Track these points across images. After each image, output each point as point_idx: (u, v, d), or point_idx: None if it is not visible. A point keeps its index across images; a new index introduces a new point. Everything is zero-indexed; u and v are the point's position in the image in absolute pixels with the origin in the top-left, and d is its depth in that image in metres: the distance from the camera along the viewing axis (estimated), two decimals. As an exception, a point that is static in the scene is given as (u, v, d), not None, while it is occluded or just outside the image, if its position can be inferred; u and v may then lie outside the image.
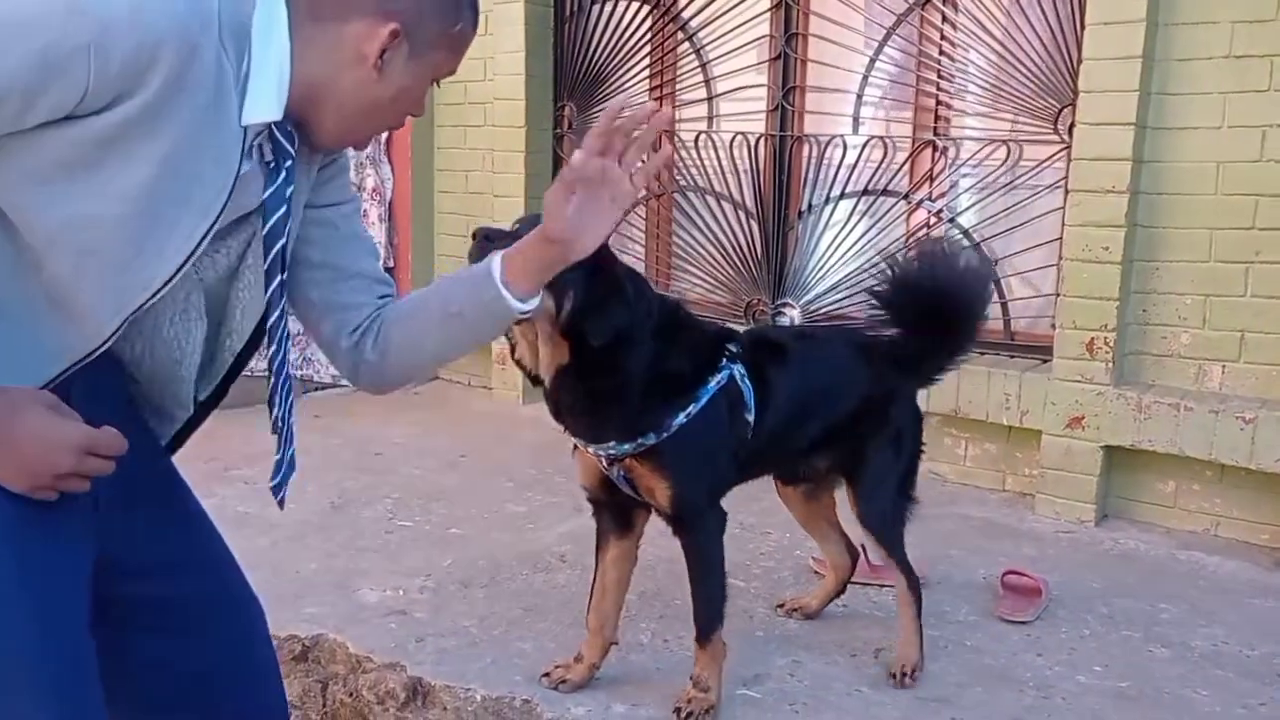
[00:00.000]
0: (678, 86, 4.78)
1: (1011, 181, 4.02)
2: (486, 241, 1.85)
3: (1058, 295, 3.71)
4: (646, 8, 4.78)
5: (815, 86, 4.43)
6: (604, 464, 2.26)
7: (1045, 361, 3.82)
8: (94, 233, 1.19)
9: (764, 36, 4.51)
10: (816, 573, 3.10)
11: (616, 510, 2.39)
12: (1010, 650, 2.68)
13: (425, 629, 2.69)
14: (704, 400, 2.25)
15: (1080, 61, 3.58)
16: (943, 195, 4.22)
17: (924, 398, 3.87)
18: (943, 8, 4.10)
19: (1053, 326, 3.77)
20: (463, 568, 3.07)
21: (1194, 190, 3.47)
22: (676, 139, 4.77)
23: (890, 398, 2.63)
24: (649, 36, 4.80)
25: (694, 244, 4.76)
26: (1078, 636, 2.77)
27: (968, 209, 4.18)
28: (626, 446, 2.19)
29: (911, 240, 4.27)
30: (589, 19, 4.92)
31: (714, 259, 4.70)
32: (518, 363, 2.21)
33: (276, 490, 1.53)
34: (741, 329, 2.54)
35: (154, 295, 1.26)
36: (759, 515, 3.55)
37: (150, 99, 1.16)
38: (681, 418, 2.21)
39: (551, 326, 2.04)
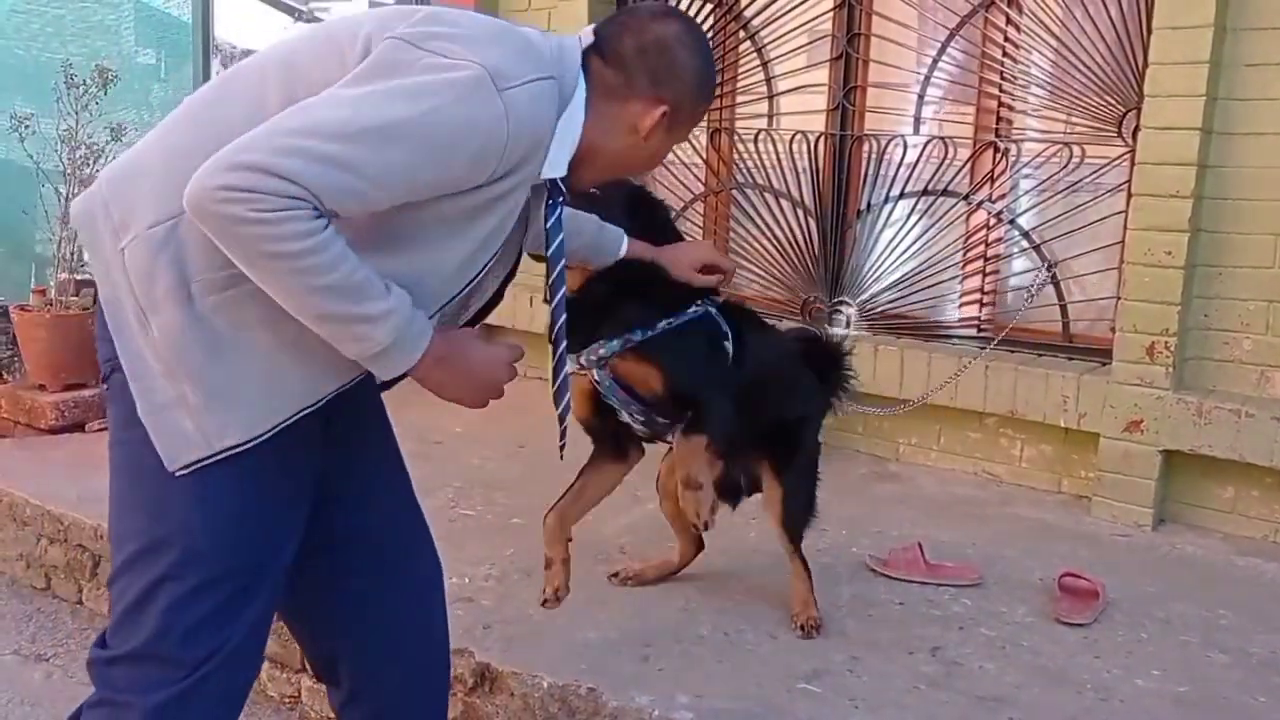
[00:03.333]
0: (738, 84, 4.80)
1: (1073, 184, 4.01)
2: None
3: (1118, 299, 3.71)
4: (709, 6, 4.82)
5: (876, 85, 4.45)
6: (594, 376, 2.43)
7: (1104, 364, 3.82)
8: (447, 261, 1.59)
9: (826, 35, 4.53)
10: (872, 570, 3.14)
11: (612, 440, 2.62)
12: (1068, 652, 2.70)
13: (491, 616, 2.76)
14: (685, 317, 2.46)
15: (1146, 65, 3.58)
16: (1003, 196, 4.22)
17: (981, 397, 3.92)
18: (1007, 9, 4.10)
19: (1112, 329, 3.77)
20: (525, 557, 3.13)
21: (1259, 196, 3.46)
22: (736, 136, 4.81)
23: (817, 415, 2.90)
24: (710, 34, 4.83)
25: (752, 241, 4.79)
26: (1135, 640, 2.79)
27: (1028, 210, 4.18)
28: (615, 343, 2.40)
29: (970, 241, 4.28)
30: (651, 16, 4.95)
31: (771, 256, 4.73)
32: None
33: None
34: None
35: (459, 293, 1.65)
36: (815, 512, 3.59)
37: (522, 177, 1.57)
38: (664, 323, 2.41)
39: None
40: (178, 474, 1.56)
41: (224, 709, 1.69)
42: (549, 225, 1.76)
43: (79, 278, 4.64)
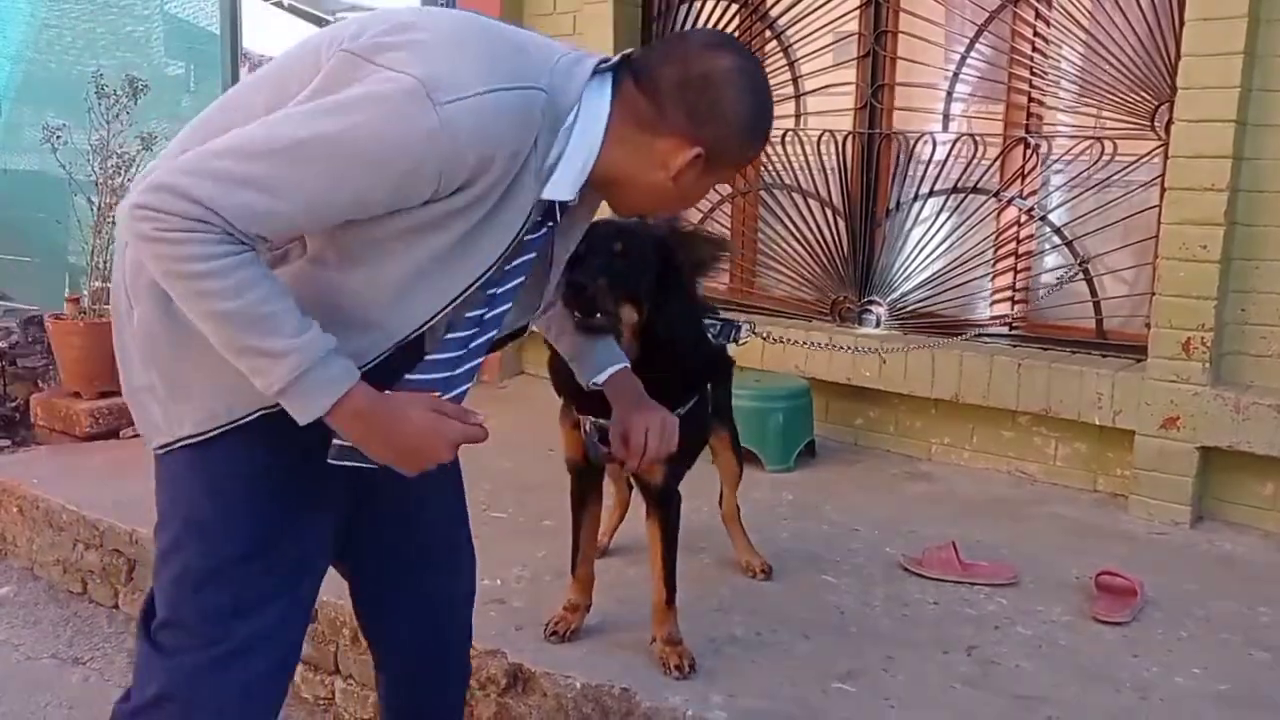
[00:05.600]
0: (765, 84, 4.78)
1: (1105, 179, 3.97)
2: (581, 291, 2.16)
3: (1153, 294, 3.67)
4: (734, 6, 4.81)
5: (904, 83, 4.42)
6: (586, 428, 2.42)
7: (1139, 361, 3.78)
8: (411, 277, 1.51)
9: (853, 34, 4.51)
10: (906, 570, 3.11)
11: (594, 479, 2.71)
12: (1106, 651, 2.67)
13: (524, 618, 2.75)
14: (695, 400, 2.54)
15: (1179, 58, 3.54)
16: (1034, 193, 4.19)
17: (1014, 396, 3.88)
18: (1036, 4, 4.07)
19: (1146, 325, 3.73)
20: (557, 559, 3.12)
21: (1296, 188, 3.42)
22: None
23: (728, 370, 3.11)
24: (736, 34, 4.82)
25: (780, 241, 4.77)
26: (1175, 638, 2.75)
27: (1059, 206, 4.14)
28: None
29: (1001, 238, 4.25)
30: (677, 18, 4.95)
31: (800, 256, 4.71)
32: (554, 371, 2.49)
33: None
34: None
35: (434, 318, 1.56)
36: (846, 513, 3.58)
37: (476, 194, 1.46)
38: (683, 409, 2.42)
39: (631, 332, 2.32)
40: (156, 454, 1.64)
41: (255, 692, 1.67)
42: (527, 238, 1.61)
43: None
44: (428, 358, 1.63)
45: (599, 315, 2.17)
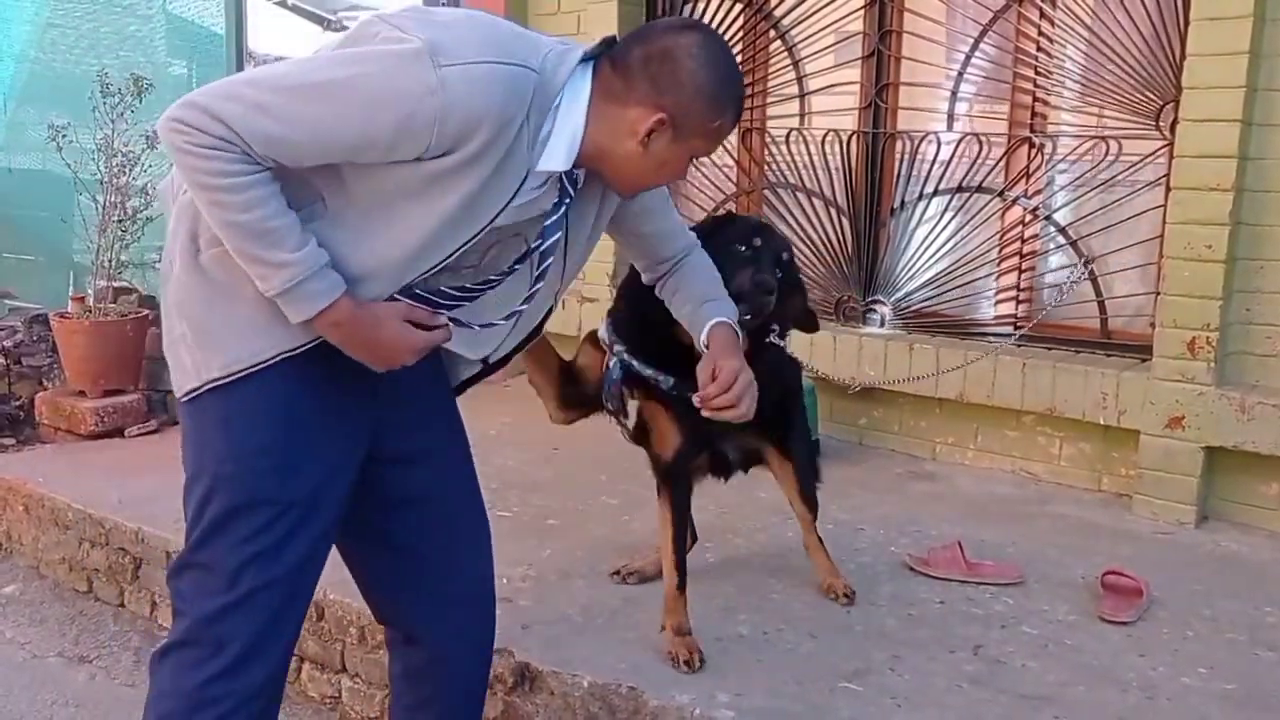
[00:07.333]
0: (769, 83, 4.79)
1: (1110, 178, 3.97)
2: (766, 293, 2.39)
3: (1158, 294, 3.67)
4: (738, 5, 4.80)
5: (909, 83, 4.42)
6: (609, 363, 2.52)
7: (1144, 360, 3.78)
8: (411, 233, 1.68)
9: (857, 33, 4.51)
10: (911, 569, 3.11)
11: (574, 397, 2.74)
12: (1112, 650, 2.67)
13: (530, 616, 2.75)
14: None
15: (1184, 57, 3.54)
16: (1038, 192, 4.18)
17: (1019, 395, 3.88)
18: (1040, 3, 4.07)
19: (1151, 325, 3.73)
20: (562, 558, 3.14)
21: (1301, 188, 3.42)
22: (768, 136, 4.80)
23: (799, 385, 3.10)
24: (741, 34, 4.82)
25: (784, 241, 4.76)
26: (1181, 638, 2.75)
27: (1064, 206, 4.14)
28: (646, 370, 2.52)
29: (1005, 237, 4.25)
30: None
31: (804, 256, 4.70)
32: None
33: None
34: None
35: (430, 271, 1.74)
36: (851, 513, 3.59)
37: (468, 155, 1.61)
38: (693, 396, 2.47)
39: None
40: (182, 400, 1.79)
41: (273, 631, 1.80)
42: (548, 222, 1.82)
43: (117, 285, 4.70)
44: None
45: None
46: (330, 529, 1.85)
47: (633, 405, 2.63)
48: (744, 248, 2.47)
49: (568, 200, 1.83)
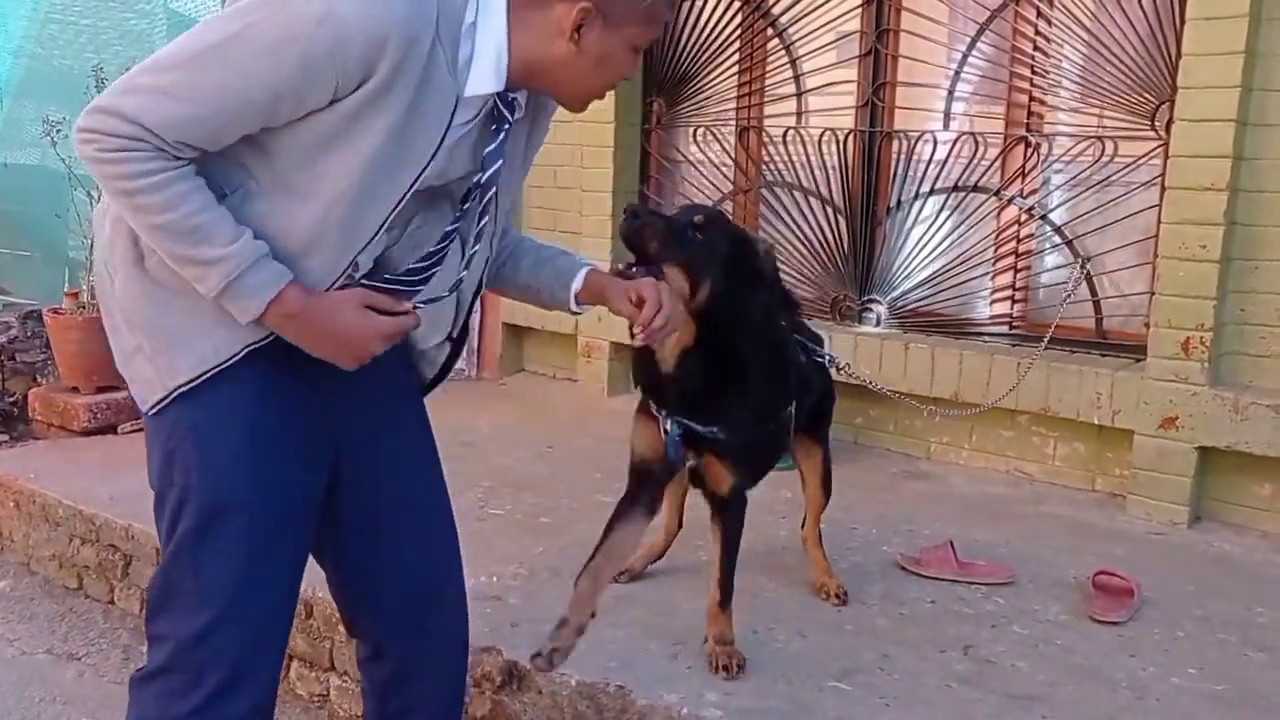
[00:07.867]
0: (766, 82, 4.78)
1: (1105, 178, 3.97)
2: (634, 218, 2.19)
3: (1152, 294, 3.66)
4: (736, 3, 4.80)
5: (906, 82, 4.42)
6: (666, 427, 2.35)
7: (1138, 360, 3.77)
8: (345, 180, 1.57)
9: (854, 32, 4.50)
10: (903, 568, 3.11)
11: (653, 488, 2.50)
12: (1103, 650, 2.66)
13: (519, 615, 2.75)
14: (777, 422, 2.47)
15: (1179, 57, 3.53)
16: (1034, 192, 4.18)
17: (1013, 395, 3.87)
18: (1037, 3, 4.06)
19: (1146, 325, 3.72)
20: (554, 556, 3.13)
21: (1296, 188, 3.40)
22: (765, 134, 4.79)
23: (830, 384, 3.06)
24: (738, 32, 4.82)
25: (781, 239, 4.75)
26: (1172, 638, 2.74)
27: (1059, 206, 4.13)
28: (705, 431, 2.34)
29: (1001, 237, 4.24)
30: (678, 15, 4.94)
31: (800, 255, 4.70)
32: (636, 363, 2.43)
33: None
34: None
35: (374, 236, 1.65)
36: (844, 512, 3.57)
37: (381, 81, 1.51)
38: (752, 428, 2.40)
39: (685, 308, 2.20)
40: (149, 414, 1.70)
41: (259, 646, 1.74)
42: (487, 150, 1.72)
43: (111, 281, 4.68)
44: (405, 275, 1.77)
45: (641, 266, 2.14)
46: (307, 532, 1.79)
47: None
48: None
49: (507, 126, 1.71)
